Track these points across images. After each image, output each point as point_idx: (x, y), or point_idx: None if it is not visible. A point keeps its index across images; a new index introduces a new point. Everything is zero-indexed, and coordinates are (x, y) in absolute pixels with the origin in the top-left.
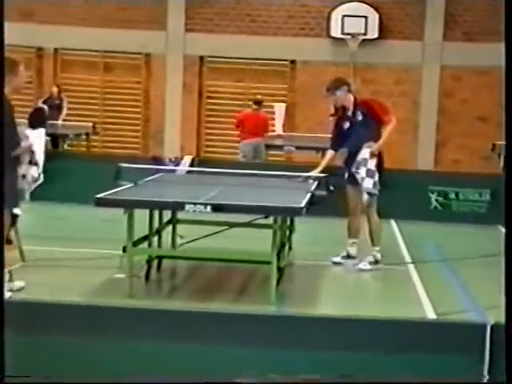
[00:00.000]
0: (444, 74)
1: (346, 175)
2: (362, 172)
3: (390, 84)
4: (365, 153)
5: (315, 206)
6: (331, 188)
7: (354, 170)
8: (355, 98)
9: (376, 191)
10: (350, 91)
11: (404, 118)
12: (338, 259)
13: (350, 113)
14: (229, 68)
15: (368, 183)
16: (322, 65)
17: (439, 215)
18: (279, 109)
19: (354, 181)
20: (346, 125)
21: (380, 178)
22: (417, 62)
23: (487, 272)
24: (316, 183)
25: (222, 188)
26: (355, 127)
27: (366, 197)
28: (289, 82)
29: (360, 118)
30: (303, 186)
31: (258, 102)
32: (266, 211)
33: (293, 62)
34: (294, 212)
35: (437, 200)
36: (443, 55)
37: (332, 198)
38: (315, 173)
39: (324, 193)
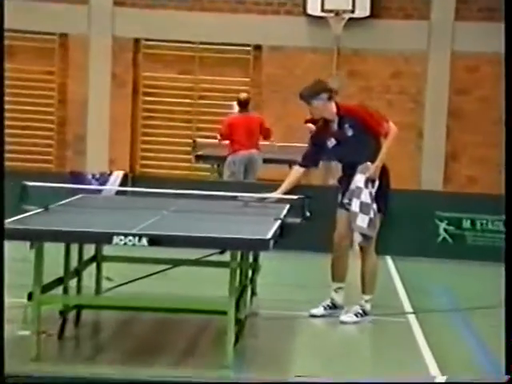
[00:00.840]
0: (456, 63)
1: (339, 197)
2: (355, 205)
3: (385, 77)
4: (359, 180)
5: (287, 238)
6: (308, 214)
7: (345, 200)
8: (338, 107)
9: (372, 233)
10: (331, 98)
11: (404, 123)
12: (318, 311)
13: (335, 126)
14: (173, 55)
15: (361, 221)
16: (296, 52)
17: (449, 250)
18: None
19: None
20: (331, 142)
21: (386, 204)
22: (421, 49)
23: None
24: (286, 208)
25: (163, 214)
26: (345, 145)
27: (358, 238)
28: (252, 74)
29: (350, 132)
30: (272, 211)
31: (244, 103)
32: (221, 244)
33: (258, 47)
34: (259, 245)
35: (446, 230)
36: (455, 39)
37: (310, 226)
38: (276, 195)
39: (299, 220)
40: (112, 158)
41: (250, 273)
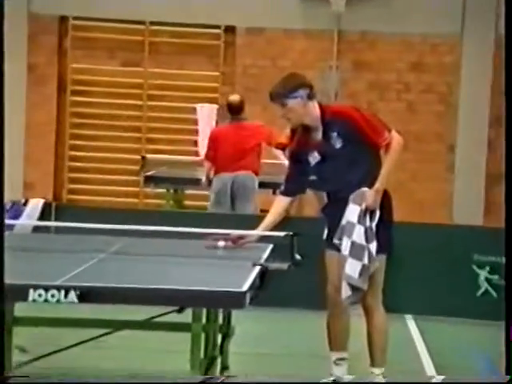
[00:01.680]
0: (502, 52)
1: (325, 234)
2: (345, 245)
3: (403, 70)
4: (351, 212)
5: (269, 290)
6: (298, 257)
7: (335, 240)
8: (322, 109)
9: (364, 285)
10: (312, 97)
11: (429, 133)
12: None
13: (318, 135)
14: (113, 40)
15: (351, 269)
16: (283, 36)
17: (493, 307)
18: (205, 113)
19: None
20: (314, 157)
21: (390, 240)
22: (452, 31)
23: None
24: (269, 249)
25: (100, 258)
26: (332, 162)
27: (346, 291)
28: (223, 66)
29: (338, 143)
30: (249, 253)
31: (234, 107)
32: (178, 300)
33: (230, 30)
34: (231, 301)
35: (489, 280)
36: (501, 18)
37: (300, 274)
38: (256, 232)
39: (285, 266)
40: (28, 181)
41: (219, 339)
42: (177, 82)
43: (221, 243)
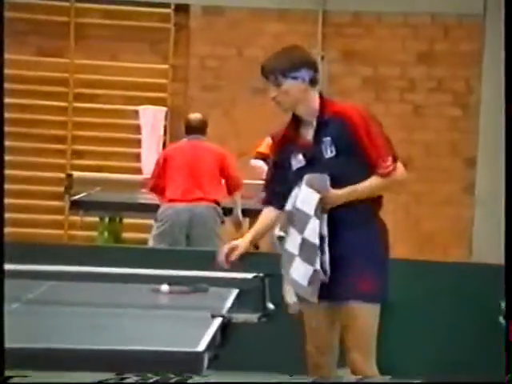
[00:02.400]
0: None
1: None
2: (293, 241)
3: (408, 62)
4: (307, 199)
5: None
6: (270, 306)
7: (278, 231)
8: (323, 102)
9: (313, 298)
10: (314, 82)
11: (443, 144)
12: None
13: (309, 133)
14: (28, 22)
15: (299, 274)
16: (252, 17)
17: None
18: (150, 118)
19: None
20: (298, 160)
21: (384, 287)
22: (471, 11)
23: None
24: (233, 295)
25: (11, 309)
26: (317, 172)
27: (291, 299)
28: (173, 55)
29: (330, 151)
30: (208, 301)
31: (194, 126)
32: (114, 364)
33: (182, 9)
34: (183, 365)
35: None
36: None
37: (273, 329)
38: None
39: (255, 317)
40: None
41: None
42: (112, 76)
43: (164, 287)
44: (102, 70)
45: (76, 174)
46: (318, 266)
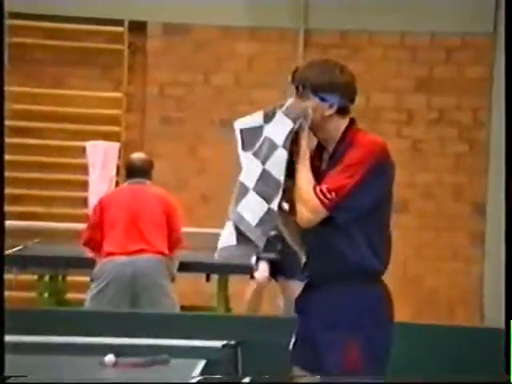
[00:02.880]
0: None
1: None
2: (250, 171)
3: (404, 88)
4: (278, 126)
5: None
6: (246, 381)
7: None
8: (348, 129)
9: (258, 241)
10: (343, 113)
11: (445, 185)
12: None
13: (325, 159)
14: None
15: (247, 209)
16: (221, 36)
17: None
18: (100, 155)
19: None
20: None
21: (385, 359)
22: (479, 29)
23: None
24: (199, 368)
25: None
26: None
27: (226, 241)
28: (128, 82)
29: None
30: (171, 372)
31: (136, 168)
32: None
33: (138, 27)
34: None
35: None
36: None
37: None
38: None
39: None
40: None
41: None
42: (55, 107)
43: (109, 358)
44: (42, 98)
45: (10, 223)
46: (274, 206)
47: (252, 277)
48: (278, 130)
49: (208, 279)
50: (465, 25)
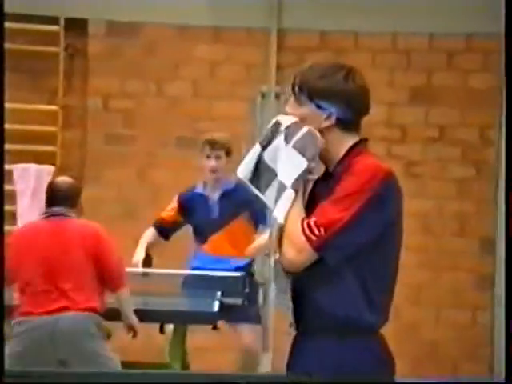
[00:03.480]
0: None
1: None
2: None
3: (395, 100)
4: (289, 167)
5: None
6: None
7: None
8: (351, 150)
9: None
10: (347, 127)
11: (447, 216)
12: None
13: (325, 184)
14: None
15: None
16: (175, 38)
17: None
18: (31, 180)
19: None
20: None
21: None
22: (486, 29)
23: None
24: None
25: None
26: None
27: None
28: (65, 93)
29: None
30: None
31: (61, 199)
32: None
33: (76, 25)
34: None
35: None
36: None
37: None
38: None
39: None
40: None
41: None
42: None
43: None
44: None
45: None
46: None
47: (215, 327)
48: (288, 170)
49: (162, 330)
50: (470, 24)
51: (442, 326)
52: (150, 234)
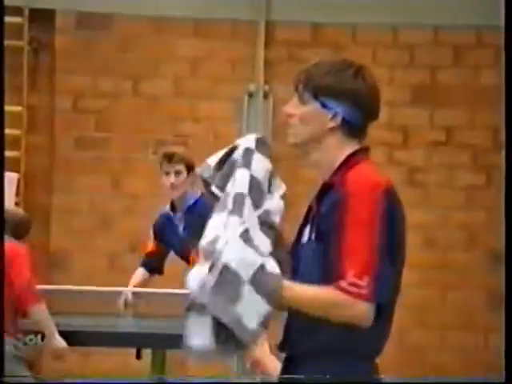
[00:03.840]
0: None
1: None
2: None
3: (397, 102)
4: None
5: None
6: None
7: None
8: (348, 158)
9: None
10: (352, 130)
11: (452, 227)
12: None
13: (315, 204)
14: None
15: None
16: (153, 32)
17: None
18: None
19: None
20: (304, 235)
21: None
22: (497, 23)
23: None
24: None
25: None
26: (299, 259)
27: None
28: (29, 91)
29: (310, 232)
30: None
31: None
32: None
33: (42, 15)
34: None
35: None
36: None
37: None
38: None
39: None
40: None
41: None
42: None
43: None
44: None
45: None
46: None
47: (138, 356)
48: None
49: (139, 356)
50: (479, 16)
51: (449, 350)
52: (137, 275)
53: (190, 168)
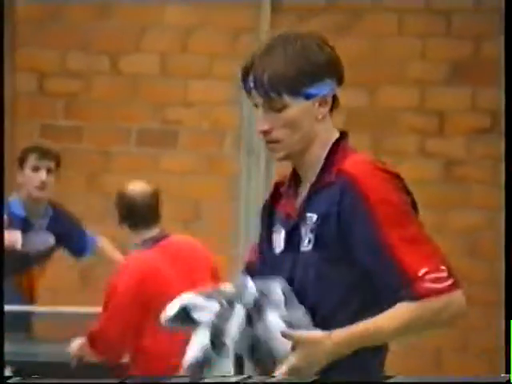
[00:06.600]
0: None
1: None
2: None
3: (431, 80)
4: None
5: None
6: None
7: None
8: (336, 146)
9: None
10: (335, 105)
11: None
12: None
13: (299, 199)
14: None
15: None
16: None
17: None
18: None
19: None
20: (279, 240)
21: None
22: None
23: None
24: None
25: None
26: (298, 267)
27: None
28: None
29: (309, 239)
30: None
31: None
32: None
33: None
34: None
35: None
36: None
37: None
38: None
39: None
40: None
41: None
42: None
43: None
44: None
45: None
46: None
47: None
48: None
49: None
50: None
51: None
52: None
53: (57, 167)
